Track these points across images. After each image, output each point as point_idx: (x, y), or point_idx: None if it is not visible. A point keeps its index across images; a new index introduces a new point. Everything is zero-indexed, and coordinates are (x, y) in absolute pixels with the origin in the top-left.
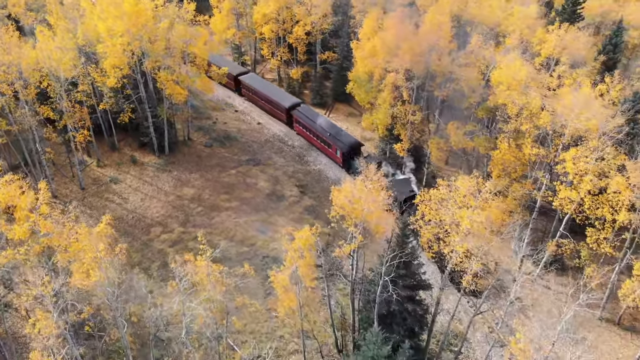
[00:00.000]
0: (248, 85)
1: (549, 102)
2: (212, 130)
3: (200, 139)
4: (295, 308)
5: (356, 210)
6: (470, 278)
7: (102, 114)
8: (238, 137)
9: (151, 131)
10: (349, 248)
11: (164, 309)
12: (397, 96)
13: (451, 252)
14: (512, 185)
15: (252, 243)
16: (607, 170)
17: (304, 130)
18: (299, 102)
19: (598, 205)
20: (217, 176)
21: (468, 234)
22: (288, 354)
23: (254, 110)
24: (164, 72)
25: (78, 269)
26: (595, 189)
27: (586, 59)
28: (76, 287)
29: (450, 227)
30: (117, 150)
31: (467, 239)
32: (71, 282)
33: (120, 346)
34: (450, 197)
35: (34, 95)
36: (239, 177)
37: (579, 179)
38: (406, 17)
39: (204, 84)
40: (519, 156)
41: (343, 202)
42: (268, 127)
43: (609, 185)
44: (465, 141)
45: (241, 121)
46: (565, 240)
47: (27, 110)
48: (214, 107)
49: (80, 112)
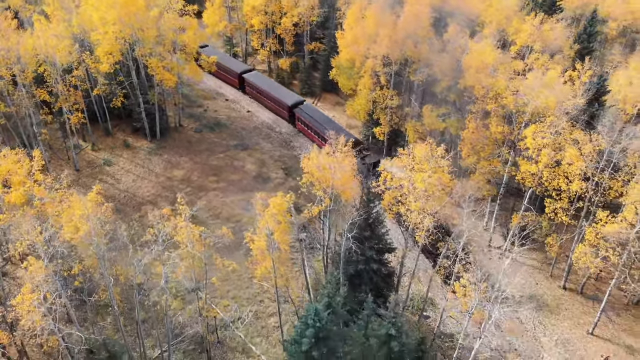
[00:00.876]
0: (252, 84)
1: (513, 83)
2: (202, 117)
3: (191, 125)
4: (271, 269)
5: (324, 176)
6: (423, 234)
7: (96, 100)
8: (227, 123)
9: (143, 117)
10: (317, 210)
11: (145, 258)
12: (376, 82)
13: (407, 210)
14: (479, 163)
15: (238, 220)
16: (562, 144)
17: (305, 127)
18: (302, 100)
19: (555, 177)
20: (206, 159)
21: (422, 195)
22: (267, 316)
23: (244, 99)
24: (155, 59)
25: (67, 222)
26: (552, 161)
27: (563, 48)
28: (66, 242)
29: (407, 190)
30: (111, 135)
31: (421, 198)
32: (61, 234)
33: (108, 302)
34: (408, 163)
35: (31, 79)
36: (227, 161)
37: (537, 153)
38: (388, 7)
39: (193, 71)
40: (487, 135)
41: (312, 169)
42: (257, 115)
43: (564, 157)
44: (438, 123)
45: (231, 109)
46: (527, 213)
47: (25, 92)
48: (205, 96)
49: (75, 95)
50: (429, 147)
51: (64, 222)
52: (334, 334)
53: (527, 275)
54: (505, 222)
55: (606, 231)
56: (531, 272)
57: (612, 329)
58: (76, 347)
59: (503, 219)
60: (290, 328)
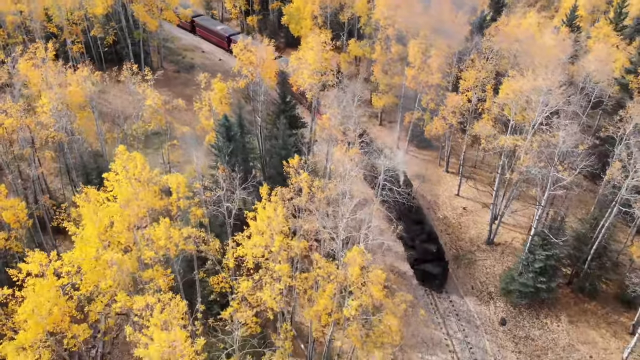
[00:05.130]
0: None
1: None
2: (181, 62)
3: (171, 67)
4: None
5: (250, 59)
6: (311, 93)
7: (93, 41)
8: (201, 67)
9: (131, 57)
10: (243, 82)
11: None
12: (315, 24)
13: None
14: (385, 78)
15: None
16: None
17: None
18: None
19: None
20: (181, 90)
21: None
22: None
23: (218, 50)
24: (140, 5)
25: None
26: (424, 63)
27: None
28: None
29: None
30: (104, 71)
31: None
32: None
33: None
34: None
35: (43, 17)
36: (198, 91)
37: (414, 59)
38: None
39: (170, 16)
40: (390, 56)
41: (242, 56)
42: (228, 62)
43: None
44: (359, 50)
45: (205, 58)
46: (417, 111)
47: (39, 25)
48: (186, 49)
49: (76, 30)
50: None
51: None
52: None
53: (422, 165)
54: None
55: (449, 102)
56: (425, 164)
57: (471, 191)
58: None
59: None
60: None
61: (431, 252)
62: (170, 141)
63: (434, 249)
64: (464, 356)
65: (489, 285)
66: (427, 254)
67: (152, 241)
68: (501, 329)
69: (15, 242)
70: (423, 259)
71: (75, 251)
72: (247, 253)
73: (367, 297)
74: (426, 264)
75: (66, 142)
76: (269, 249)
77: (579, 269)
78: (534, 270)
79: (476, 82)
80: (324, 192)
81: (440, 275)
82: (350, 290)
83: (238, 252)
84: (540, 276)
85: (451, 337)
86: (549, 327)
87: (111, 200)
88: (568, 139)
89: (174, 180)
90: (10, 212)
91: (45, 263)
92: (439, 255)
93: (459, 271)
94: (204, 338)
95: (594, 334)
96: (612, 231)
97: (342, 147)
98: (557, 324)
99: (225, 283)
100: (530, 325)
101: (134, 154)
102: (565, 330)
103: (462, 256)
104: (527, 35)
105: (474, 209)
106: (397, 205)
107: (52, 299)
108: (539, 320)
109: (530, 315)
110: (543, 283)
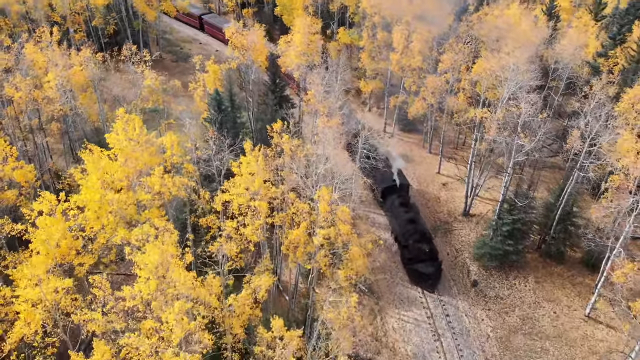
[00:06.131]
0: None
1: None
2: (179, 52)
3: (169, 57)
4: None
5: (241, 42)
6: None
7: (94, 31)
8: None
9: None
10: (234, 63)
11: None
12: (307, 14)
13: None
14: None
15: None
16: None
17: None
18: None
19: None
20: (179, 78)
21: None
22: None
23: (214, 42)
24: None
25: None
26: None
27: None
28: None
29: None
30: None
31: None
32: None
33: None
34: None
35: (46, 6)
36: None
37: (397, 44)
38: None
39: (168, 7)
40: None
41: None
42: (224, 53)
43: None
44: (349, 38)
45: (203, 49)
46: (402, 95)
47: (43, 14)
48: (183, 40)
49: (78, 19)
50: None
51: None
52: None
53: (407, 147)
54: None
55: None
56: (410, 146)
57: (451, 170)
58: None
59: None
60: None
61: (424, 251)
62: (167, 120)
63: (427, 249)
64: (437, 312)
65: (464, 251)
66: (420, 253)
67: (149, 187)
68: (473, 289)
69: (24, 200)
70: (416, 259)
71: (82, 194)
72: (232, 198)
73: (335, 230)
74: (419, 263)
75: (70, 116)
76: (251, 192)
77: (547, 235)
78: (502, 233)
79: (454, 64)
80: (302, 151)
81: (432, 275)
82: (320, 225)
83: (224, 197)
84: (508, 239)
85: (426, 296)
86: (517, 287)
87: (112, 159)
88: (528, 108)
89: (169, 139)
90: (21, 172)
91: (54, 204)
92: (432, 255)
93: (435, 240)
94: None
95: (559, 293)
96: (575, 197)
97: (324, 118)
98: (525, 284)
99: (213, 224)
100: (500, 286)
101: (132, 115)
102: (532, 289)
103: (439, 226)
104: (507, 23)
105: (453, 186)
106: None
107: (60, 233)
108: (508, 282)
109: (500, 277)
110: (511, 246)
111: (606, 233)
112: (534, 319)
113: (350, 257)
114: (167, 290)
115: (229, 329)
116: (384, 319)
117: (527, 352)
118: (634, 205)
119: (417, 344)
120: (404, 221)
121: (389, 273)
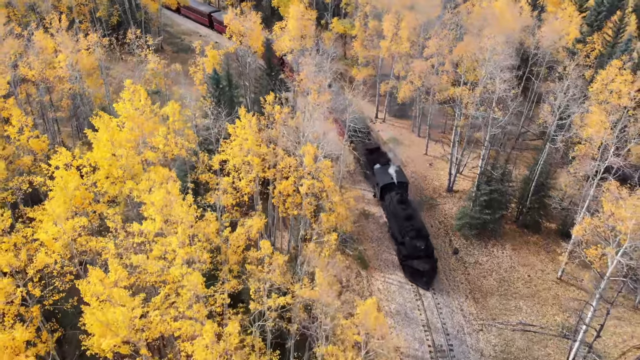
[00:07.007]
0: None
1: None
2: (180, 44)
3: (171, 49)
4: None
5: (237, 29)
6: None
7: (99, 24)
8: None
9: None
10: (233, 48)
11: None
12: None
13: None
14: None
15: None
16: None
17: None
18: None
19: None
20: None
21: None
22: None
23: (213, 34)
24: None
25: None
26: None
27: None
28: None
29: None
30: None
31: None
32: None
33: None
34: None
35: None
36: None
37: (387, 31)
38: None
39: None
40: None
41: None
42: (223, 44)
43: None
44: (342, 27)
45: (203, 41)
46: (391, 81)
47: (49, 4)
48: (184, 33)
49: (83, 9)
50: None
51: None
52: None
53: (397, 132)
54: (384, 97)
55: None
56: (400, 130)
57: (438, 151)
58: None
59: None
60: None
61: (420, 248)
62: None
63: (422, 246)
64: None
65: (447, 224)
66: (416, 250)
67: (153, 147)
68: (454, 257)
69: (39, 165)
70: (412, 256)
71: (94, 152)
72: (228, 158)
73: (318, 182)
74: (414, 260)
75: (79, 95)
76: (244, 151)
77: (524, 207)
78: (480, 203)
79: (439, 49)
80: (293, 119)
81: (427, 272)
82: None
83: (221, 157)
84: (485, 209)
85: None
86: (494, 254)
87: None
88: (502, 85)
89: (170, 107)
90: (36, 141)
91: (70, 160)
92: (428, 253)
93: (420, 214)
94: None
95: (533, 259)
96: (548, 169)
97: (315, 94)
98: (502, 251)
99: (211, 180)
100: (479, 253)
101: (138, 86)
102: (508, 256)
103: (424, 202)
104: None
105: (439, 166)
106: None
107: (75, 183)
108: (486, 249)
109: (479, 246)
110: (489, 215)
111: (576, 199)
112: (509, 281)
113: (333, 206)
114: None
115: (225, 258)
116: (370, 281)
117: (502, 310)
118: (597, 169)
119: (400, 303)
120: (401, 218)
121: (376, 242)
